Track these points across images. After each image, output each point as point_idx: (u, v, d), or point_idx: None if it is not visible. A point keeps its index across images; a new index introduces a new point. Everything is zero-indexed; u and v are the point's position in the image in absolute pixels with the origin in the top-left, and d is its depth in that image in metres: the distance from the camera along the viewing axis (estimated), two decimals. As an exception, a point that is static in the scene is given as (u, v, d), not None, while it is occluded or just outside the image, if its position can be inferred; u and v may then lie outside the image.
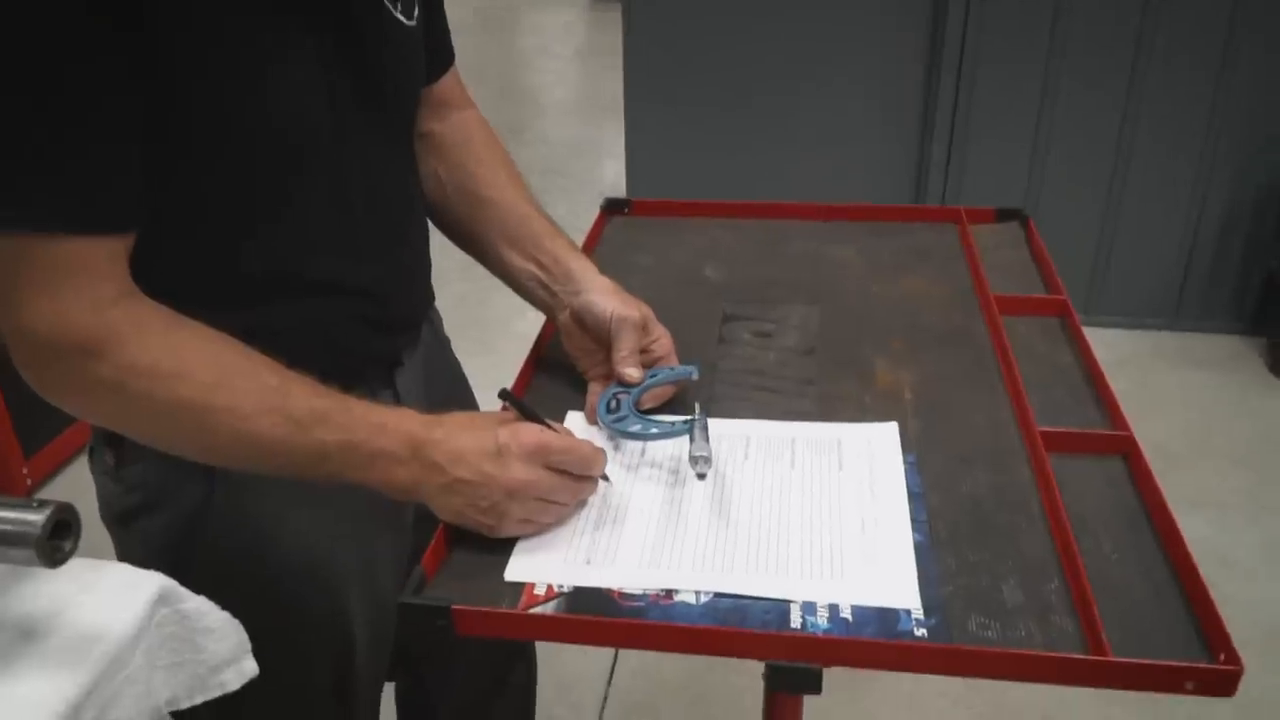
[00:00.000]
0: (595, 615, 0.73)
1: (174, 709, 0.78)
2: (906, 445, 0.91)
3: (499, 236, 1.04)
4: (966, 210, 1.34)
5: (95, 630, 0.71)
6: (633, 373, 0.94)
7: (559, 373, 1.04)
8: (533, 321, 1.10)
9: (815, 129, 3.24)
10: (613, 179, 4.70)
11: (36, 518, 0.63)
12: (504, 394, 0.87)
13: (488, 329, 3.41)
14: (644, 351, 0.96)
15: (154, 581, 0.76)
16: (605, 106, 5.97)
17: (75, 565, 0.73)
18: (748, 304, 1.17)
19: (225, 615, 0.80)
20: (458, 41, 1.12)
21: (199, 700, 0.80)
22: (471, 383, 1.25)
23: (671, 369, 0.97)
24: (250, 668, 0.82)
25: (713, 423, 0.92)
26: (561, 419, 0.95)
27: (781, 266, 1.27)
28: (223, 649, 0.80)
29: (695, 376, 0.97)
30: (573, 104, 6.11)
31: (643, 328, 0.96)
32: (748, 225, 1.38)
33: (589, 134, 5.48)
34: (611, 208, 1.41)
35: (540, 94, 6.39)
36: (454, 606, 0.73)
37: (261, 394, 0.77)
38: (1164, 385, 2.92)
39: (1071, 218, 3.05)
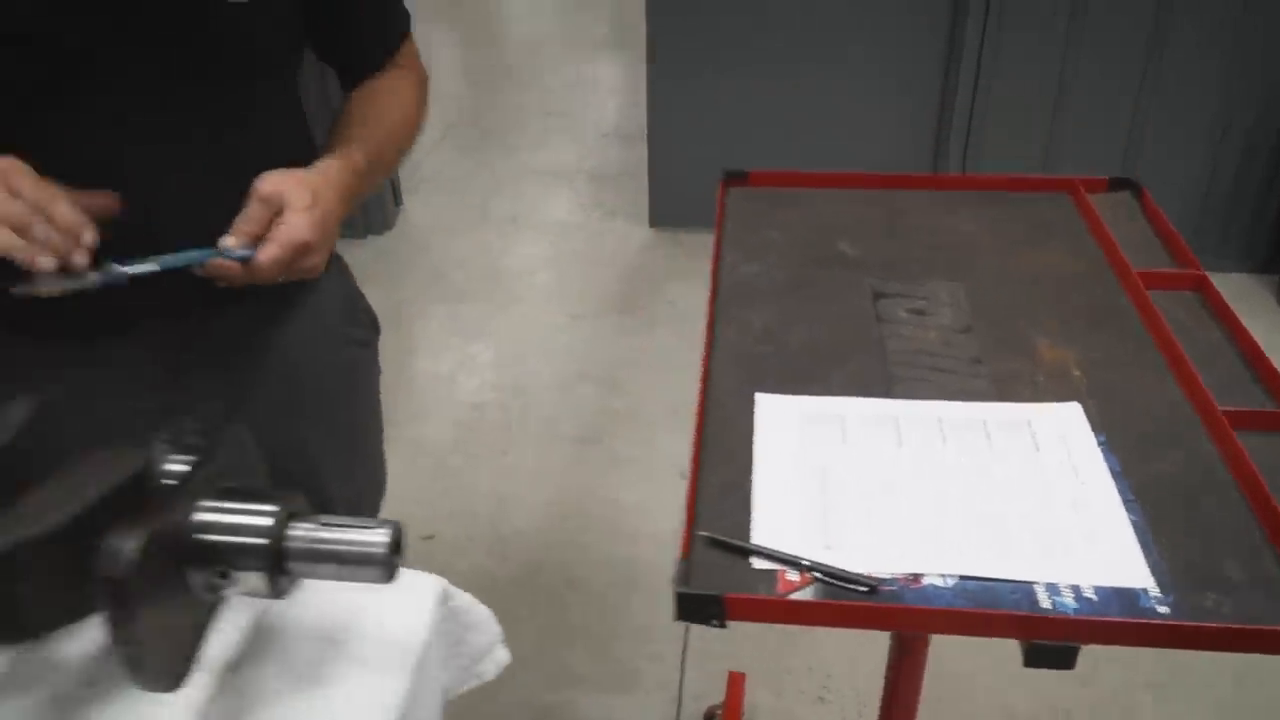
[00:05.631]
0: (856, 601, 0.78)
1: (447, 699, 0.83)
2: (1093, 426, 0.96)
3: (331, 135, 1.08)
4: (1080, 180, 1.38)
5: (401, 635, 0.75)
6: (225, 238, 0.89)
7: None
8: (561, 269, 1.13)
9: (837, 90, 3.27)
10: (616, 117, 4.68)
11: (380, 538, 0.66)
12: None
13: (513, 277, 3.43)
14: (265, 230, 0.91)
15: (435, 583, 0.79)
16: (596, 44, 5.92)
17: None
18: (891, 280, 1.21)
19: (484, 609, 0.84)
20: None
21: (463, 690, 0.84)
22: (500, 336, 1.27)
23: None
24: (503, 656, 0.87)
25: (904, 404, 0.97)
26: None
27: (910, 241, 1.31)
28: (482, 641, 0.85)
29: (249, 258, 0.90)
30: (561, 43, 6.03)
31: (269, 202, 0.90)
32: (861, 196, 1.41)
33: (584, 72, 5.42)
34: (730, 178, 1.43)
35: (526, 35, 6.29)
36: (726, 595, 0.77)
37: None
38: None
39: (1089, 167, 3.11)
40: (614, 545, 2.29)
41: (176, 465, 0.70)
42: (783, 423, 0.98)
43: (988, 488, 0.90)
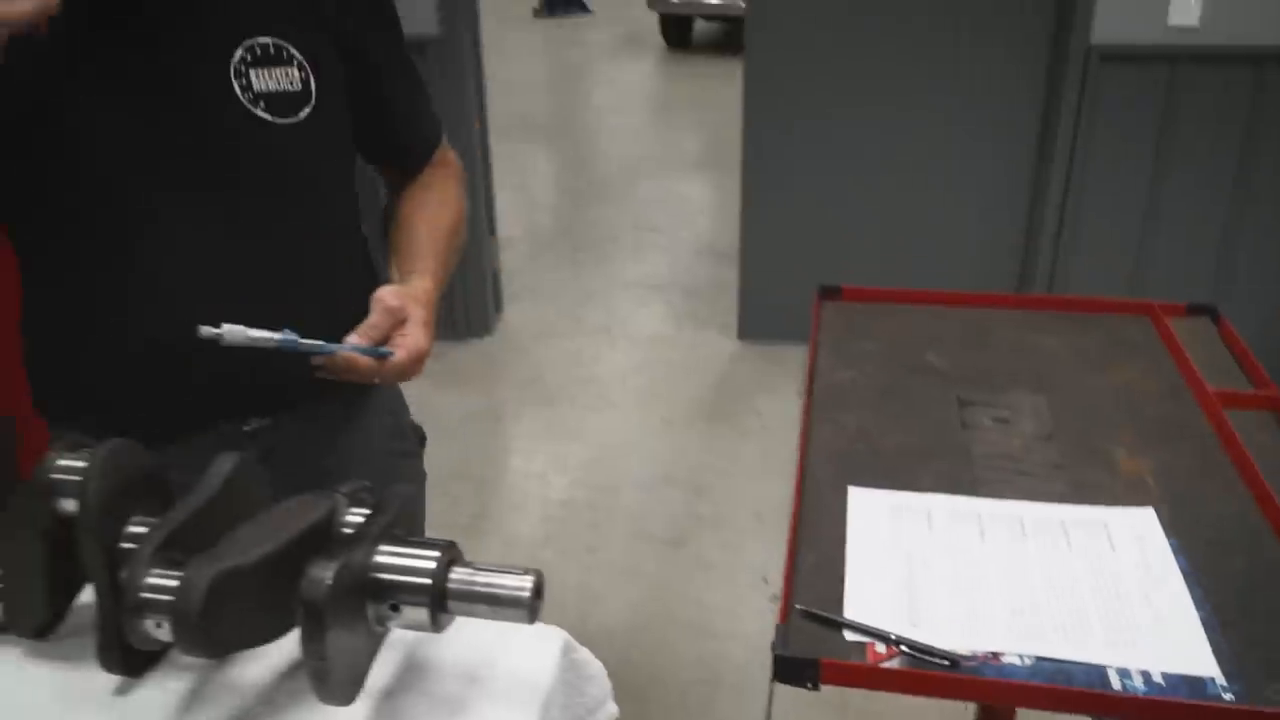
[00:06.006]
0: (943, 673, 0.86)
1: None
2: (1166, 529, 1.03)
3: (393, 250, 1.19)
4: (1160, 305, 1.47)
5: (530, 676, 0.84)
6: (352, 337, 1.00)
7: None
8: (652, 376, 1.23)
9: (926, 206, 3.39)
10: (708, 234, 4.86)
11: (526, 583, 0.77)
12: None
13: (605, 384, 3.57)
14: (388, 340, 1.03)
15: (559, 634, 0.89)
16: (690, 164, 6.17)
17: (487, 623, 0.87)
18: (978, 390, 1.30)
19: (600, 665, 0.94)
20: (535, 99, 1.29)
21: (580, 737, 0.93)
22: (591, 438, 1.38)
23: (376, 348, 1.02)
24: (612, 710, 0.95)
25: (987, 502, 1.05)
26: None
27: (995, 355, 1.40)
28: (597, 693, 0.94)
29: (390, 356, 1.02)
30: (655, 160, 6.30)
31: (394, 313, 1.02)
32: (949, 312, 1.52)
33: (678, 190, 5.65)
34: (825, 293, 1.55)
35: (622, 153, 6.59)
36: (821, 659, 0.86)
37: None
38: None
39: (1176, 290, 3.16)
40: (697, 644, 2.36)
41: (354, 516, 0.82)
42: (873, 513, 1.07)
43: (1064, 579, 0.97)
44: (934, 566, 0.99)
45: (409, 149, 1.27)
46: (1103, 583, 0.97)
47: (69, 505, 0.81)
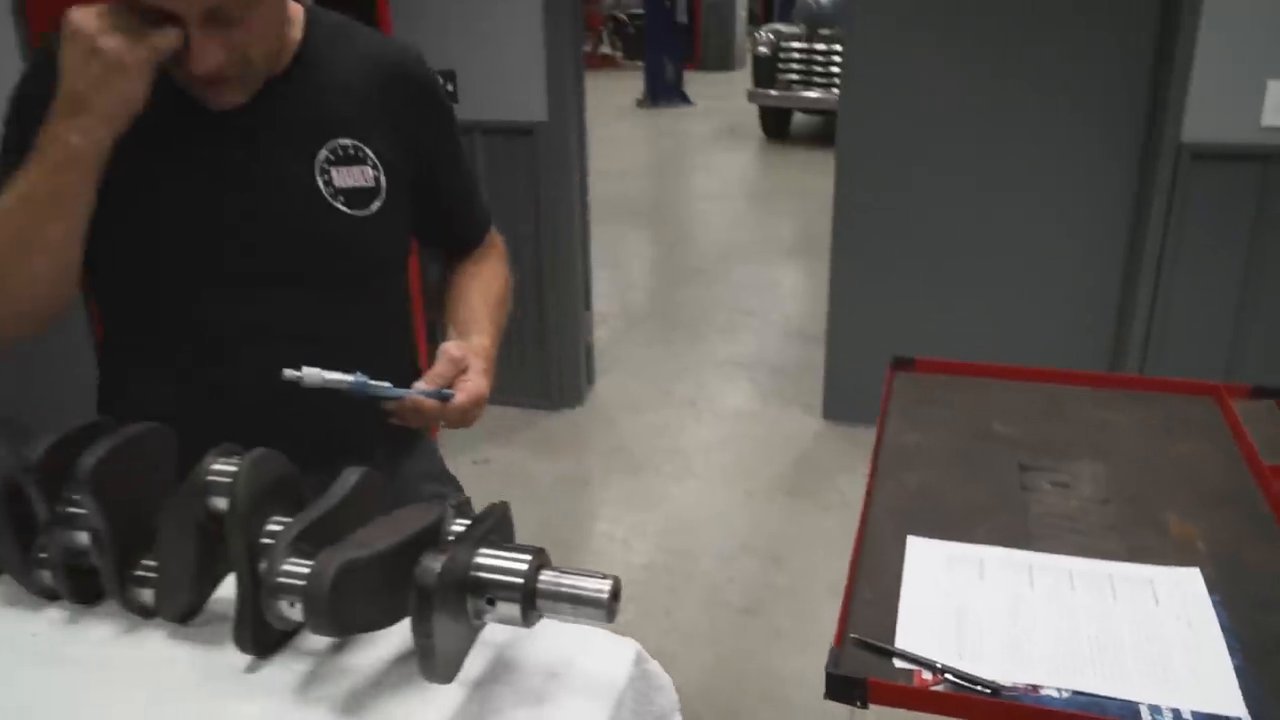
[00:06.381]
0: (984, 698, 0.94)
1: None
2: (1209, 588, 1.09)
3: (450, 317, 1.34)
4: (1225, 386, 1.52)
5: (605, 679, 0.94)
6: (419, 384, 1.15)
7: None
8: (735, 450, 1.32)
9: (1014, 294, 3.45)
10: (798, 318, 4.96)
11: (605, 585, 0.88)
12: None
13: (690, 455, 3.67)
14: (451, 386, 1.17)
15: (632, 644, 0.99)
16: (783, 250, 6.31)
17: (568, 629, 0.98)
18: (1039, 457, 1.37)
19: (668, 679, 1.03)
20: (636, 184, 1.43)
21: (648, 743, 1.02)
22: (673, 506, 1.47)
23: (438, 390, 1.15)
24: (679, 722, 1.04)
25: (1038, 555, 1.12)
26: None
27: (1060, 426, 1.47)
28: (665, 704, 1.03)
29: (452, 398, 1.16)
30: (750, 245, 6.45)
31: (457, 362, 1.18)
32: (1019, 386, 1.59)
33: (770, 274, 5.78)
34: (899, 364, 1.64)
35: (717, 239, 6.76)
36: (870, 679, 0.94)
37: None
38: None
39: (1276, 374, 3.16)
40: (767, 710, 2.40)
41: (457, 525, 0.94)
42: (929, 560, 1.15)
43: (1106, 625, 1.04)
44: (982, 608, 1.06)
45: (462, 236, 1.44)
46: (1143, 631, 1.03)
47: (220, 503, 0.95)
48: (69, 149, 1.08)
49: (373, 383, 1.12)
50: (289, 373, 1.08)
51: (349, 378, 1.10)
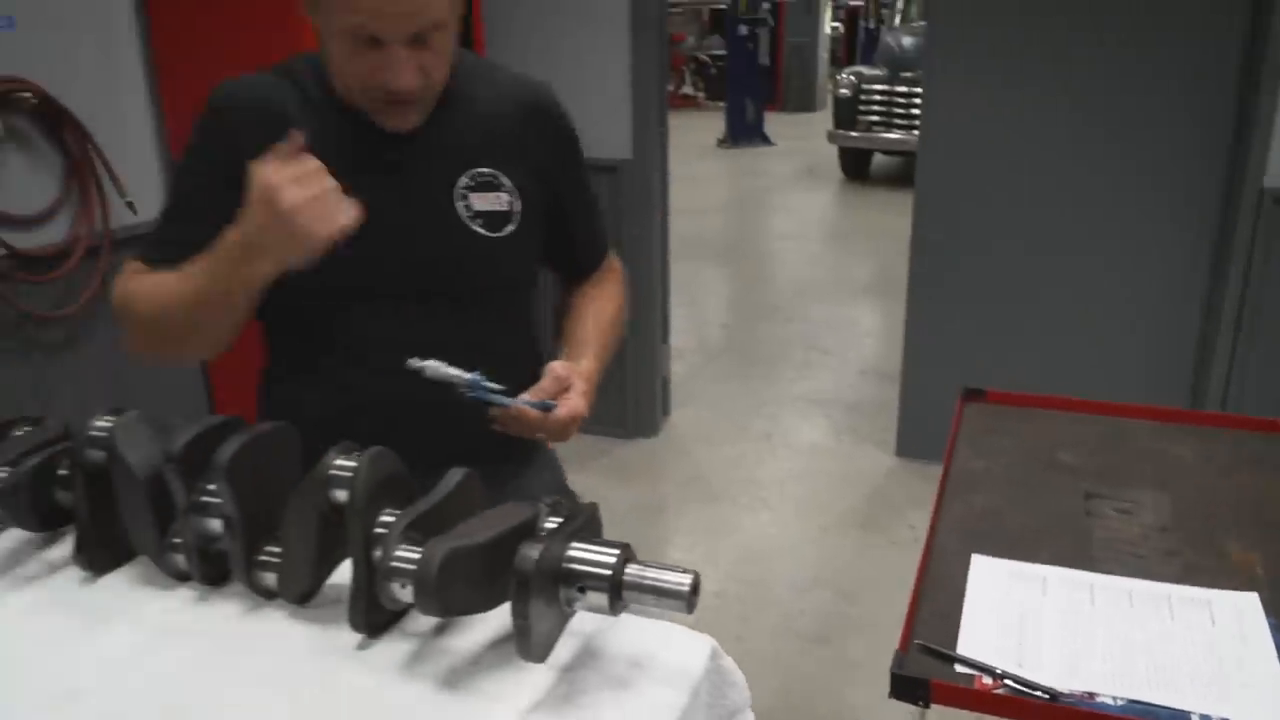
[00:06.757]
0: (1042, 703, 0.99)
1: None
2: (1267, 611, 1.13)
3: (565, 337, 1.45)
4: (1292, 423, 1.55)
5: (682, 670, 1.02)
6: (524, 395, 1.24)
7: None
8: (809, 484, 1.39)
9: (1091, 336, 3.45)
10: (873, 357, 5.00)
11: (686, 579, 0.96)
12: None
13: (764, 487, 3.73)
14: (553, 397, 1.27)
15: (708, 640, 1.07)
16: (859, 289, 6.35)
17: (649, 624, 1.06)
18: (1104, 485, 1.42)
19: (741, 675, 1.10)
20: (715, 223, 1.53)
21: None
22: (746, 536, 1.54)
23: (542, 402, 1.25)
24: (750, 718, 1.11)
25: (1099, 576, 1.17)
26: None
27: (1126, 457, 1.51)
28: (738, 700, 1.10)
29: (554, 409, 1.25)
30: (828, 284, 6.50)
31: (562, 381, 1.27)
32: (1087, 419, 1.64)
33: (846, 313, 5.82)
34: (969, 394, 1.70)
35: (794, 277, 6.82)
36: (932, 680, 1.00)
37: (164, 282, 1.25)
38: None
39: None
40: (837, 737, 2.44)
41: (550, 522, 1.03)
42: (993, 577, 1.21)
43: (1163, 641, 1.08)
44: (1042, 621, 1.12)
45: (583, 262, 1.54)
46: (1198, 648, 1.07)
47: (340, 495, 1.05)
48: (241, 279, 1.20)
49: (487, 383, 1.22)
50: (413, 362, 1.18)
51: (468, 375, 1.21)
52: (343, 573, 1.13)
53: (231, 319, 1.26)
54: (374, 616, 1.04)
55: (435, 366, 1.19)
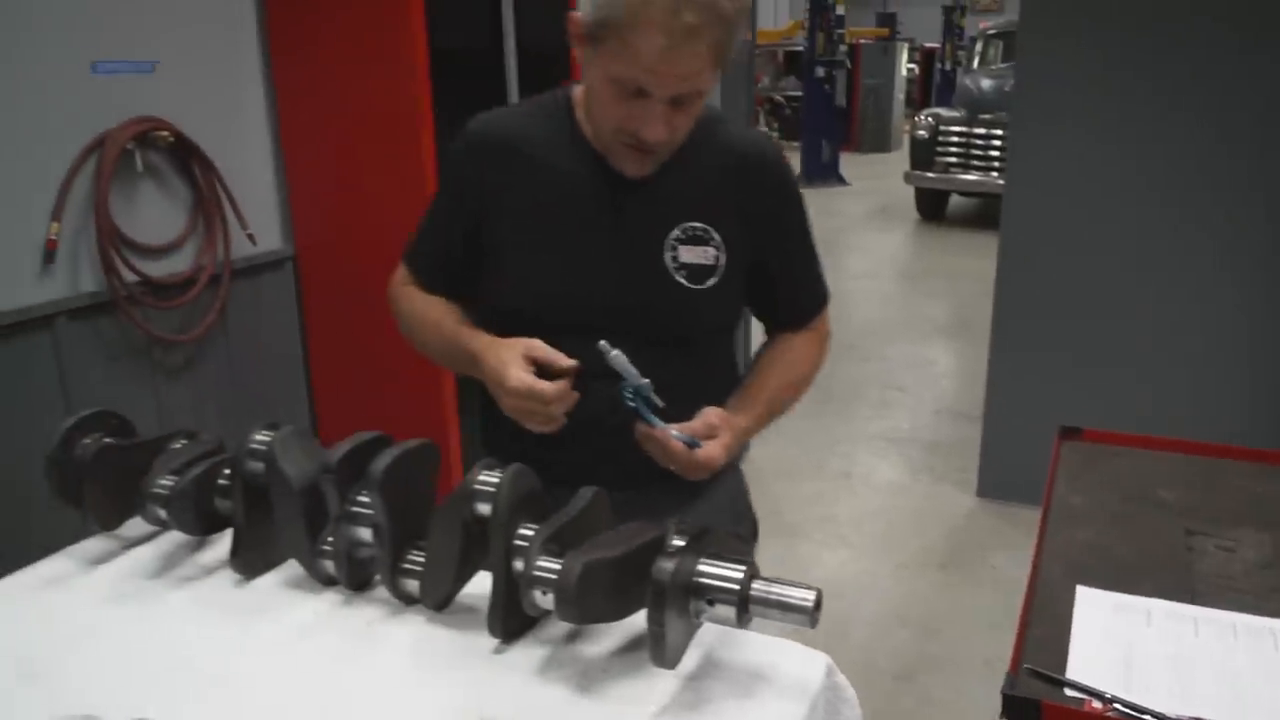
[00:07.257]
0: (1150, 727, 1.03)
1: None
2: (1374, 648, 1.15)
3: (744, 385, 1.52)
4: (1394, 466, 1.56)
5: (801, 683, 1.08)
6: (675, 426, 1.32)
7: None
8: (887, 522, 1.42)
9: (1182, 373, 3.43)
10: (951, 396, 4.99)
11: (810, 595, 1.02)
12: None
13: (843, 524, 3.75)
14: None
15: (823, 658, 1.12)
16: (935, 330, 6.34)
17: (768, 641, 1.12)
18: (1204, 523, 1.44)
19: (853, 691, 1.15)
20: None
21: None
22: (825, 573, 1.57)
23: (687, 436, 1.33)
24: (863, 733, 1.16)
25: (1203, 610, 1.20)
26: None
27: (1225, 497, 1.53)
28: (851, 716, 1.15)
29: (698, 448, 1.32)
30: (903, 324, 6.50)
31: (712, 429, 1.35)
32: (1184, 459, 1.66)
33: (922, 353, 5.82)
34: (1066, 432, 1.73)
35: (870, 317, 6.83)
36: (1044, 701, 1.04)
37: (430, 326, 1.47)
38: None
39: None
40: (920, 773, 2.45)
41: (679, 540, 1.10)
42: (1098, 607, 1.24)
43: (1269, 672, 1.11)
44: (1148, 651, 1.15)
45: (784, 316, 1.59)
46: (1306, 682, 1.10)
47: (484, 508, 1.13)
48: (464, 370, 1.42)
49: (652, 396, 1.30)
50: (604, 344, 1.28)
51: (642, 380, 1.30)
52: (474, 584, 1.21)
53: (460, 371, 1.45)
54: (511, 623, 1.12)
55: (619, 356, 1.28)
